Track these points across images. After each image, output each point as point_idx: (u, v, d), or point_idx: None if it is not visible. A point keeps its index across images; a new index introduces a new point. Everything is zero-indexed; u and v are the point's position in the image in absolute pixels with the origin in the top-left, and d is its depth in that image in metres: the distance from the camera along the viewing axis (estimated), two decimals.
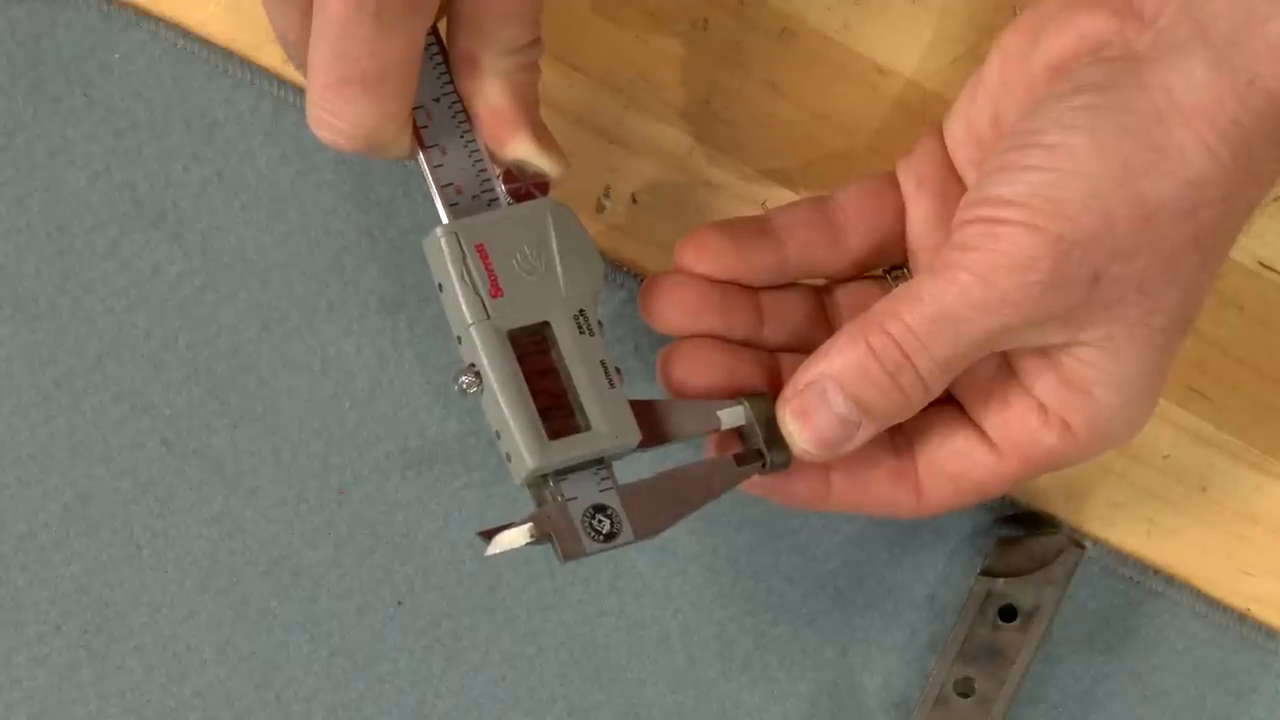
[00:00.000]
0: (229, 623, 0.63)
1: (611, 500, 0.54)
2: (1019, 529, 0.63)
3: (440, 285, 0.54)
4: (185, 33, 0.62)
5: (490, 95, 0.55)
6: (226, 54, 0.62)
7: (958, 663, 0.62)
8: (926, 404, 0.54)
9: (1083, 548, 0.62)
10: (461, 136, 0.55)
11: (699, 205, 0.62)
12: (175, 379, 0.62)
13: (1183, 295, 0.53)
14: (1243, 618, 0.63)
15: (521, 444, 0.53)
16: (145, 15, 0.62)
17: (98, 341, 0.62)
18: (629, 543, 0.54)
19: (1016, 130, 0.53)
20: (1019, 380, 0.55)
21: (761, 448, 0.55)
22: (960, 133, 0.57)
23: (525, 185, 0.55)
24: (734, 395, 0.56)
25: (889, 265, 0.59)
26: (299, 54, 0.53)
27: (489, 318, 0.54)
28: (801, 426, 0.55)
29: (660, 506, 0.54)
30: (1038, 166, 0.52)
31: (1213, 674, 0.64)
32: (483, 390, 0.54)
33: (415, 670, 0.63)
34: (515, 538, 0.53)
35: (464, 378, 0.54)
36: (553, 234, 0.54)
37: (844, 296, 0.59)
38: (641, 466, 0.55)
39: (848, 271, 0.59)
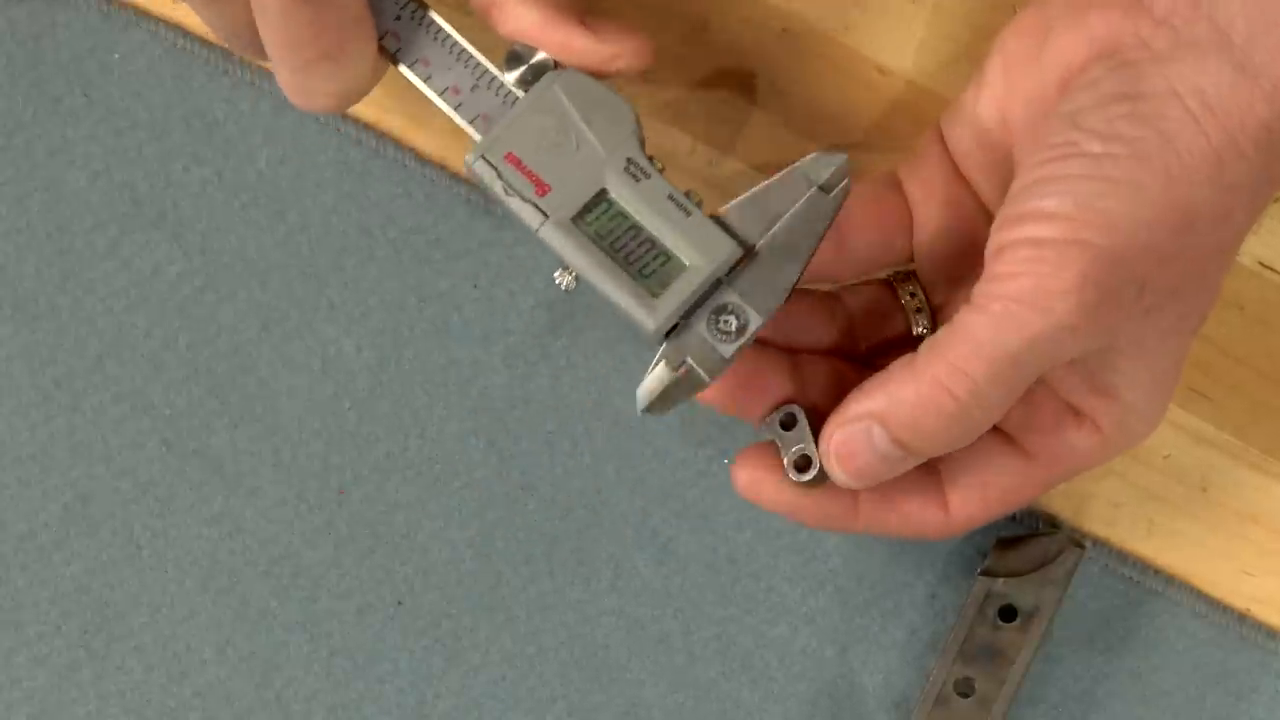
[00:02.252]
0: (229, 623, 0.63)
1: (728, 296, 0.54)
2: (1019, 529, 0.63)
3: (494, 200, 0.55)
4: (185, 33, 0.62)
5: None
6: (226, 54, 0.62)
7: (958, 663, 0.62)
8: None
9: (1083, 548, 0.62)
10: (435, 38, 0.55)
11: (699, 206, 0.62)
12: (175, 379, 0.63)
13: (1206, 298, 0.53)
14: (1243, 618, 0.63)
15: (633, 315, 0.54)
16: (145, 15, 0.62)
17: (98, 341, 0.62)
18: (760, 327, 0.54)
19: (1051, 142, 0.52)
20: (1046, 383, 0.55)
21: (813, 455, 0.55)
22: (966, 138, 0.56)
23: (528, 65, 0.55)
24: (778, 406, 0.56)
25: (895, 269, 0.59)
26: (249, 47, 0.54)
27: (548, 217, 0.54)
28: (843, 462, 0.54)
29: (773, 276, 0.54)
30: (1082, 176, 0.51)
31: (1213, 674, 0.63)
32: (579, 280, 0.54)
33: (415, 670, 0.63)
34: (657, 381, 0.54)
35: (558, 277, 0.54)
36: (569, 106, 0.55)
37: (852, 299, 0.59)
38: None
39: (853, 276, 0.58)
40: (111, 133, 0.62)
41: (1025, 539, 0.62)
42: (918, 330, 0.58)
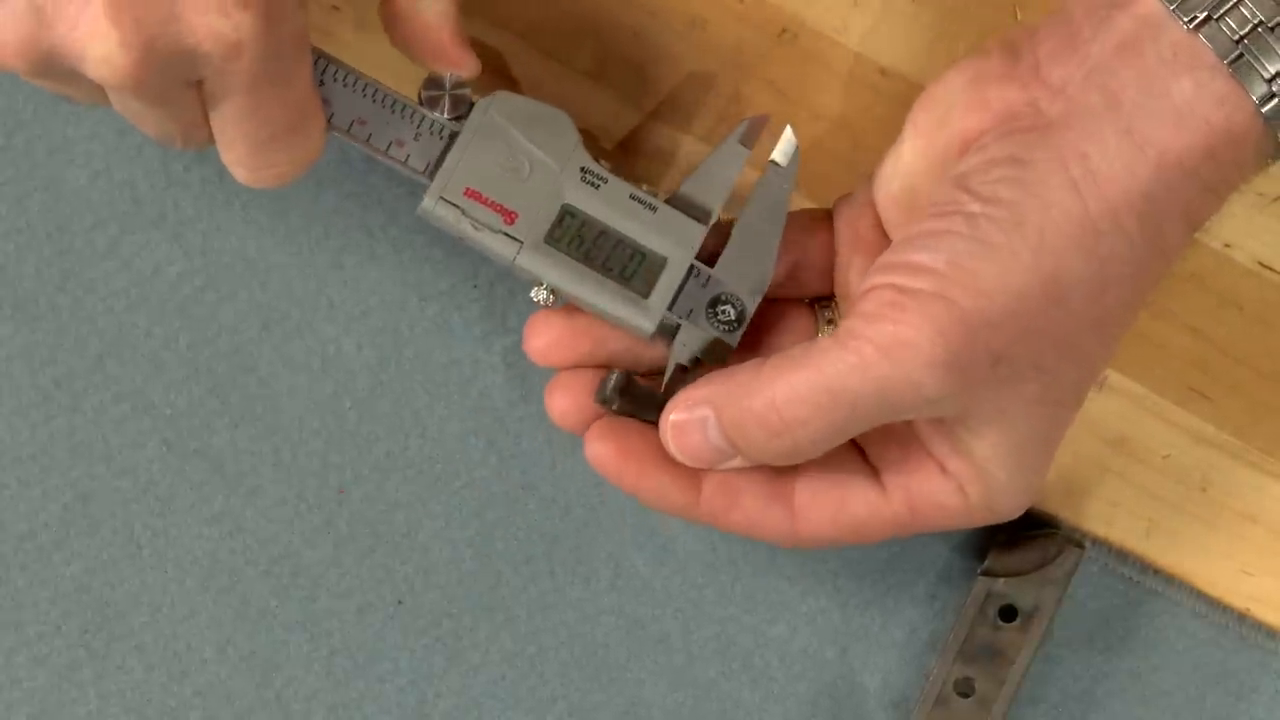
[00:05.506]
0: (229, 622, 0.63)
1: (719, 287, 0.56)
2: (1019, 529, 0.63)
3: (459, 238, 0.55)
4: None
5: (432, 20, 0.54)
6: None
7: (958, 662, 0.62)
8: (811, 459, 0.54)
9: (1083, 548, 0.62)
10: (409, 120, 0.55)
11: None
12: (175, 379, 0.63)
13: (1080, 373, 0.53)
14: (1243, 618, 0.63)
15: (629, 320, 0.55)
16: None
17: (98, 341, 0.62)
18: (757, 305, 0.56)
19: (936, 200, 0.52)
20: (918, 436, 0.55)
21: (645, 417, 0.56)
22: (883, 200, 0.56)
23: (447, 94, 0.55)
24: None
25: (812, 296, 0.58)
26: (193, 140, 0.53)
27: (522, 243, 0.54)
28: (675, 439, 0.55)
29: (754, 257, 0.56)
30: (957, 233, 0.51)
31: (1213, 674, 0.64)
32: (560, 297, 0.55)
33: (415, 670, 0.63)
34: (674, 384, 0.55)
35: (536, 293, 0.55)
36: (510, 128, 0.55)
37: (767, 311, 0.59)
38: None
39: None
40: (112, 132, 0.62)
41: (1025, 539, 0.62)
42: None
